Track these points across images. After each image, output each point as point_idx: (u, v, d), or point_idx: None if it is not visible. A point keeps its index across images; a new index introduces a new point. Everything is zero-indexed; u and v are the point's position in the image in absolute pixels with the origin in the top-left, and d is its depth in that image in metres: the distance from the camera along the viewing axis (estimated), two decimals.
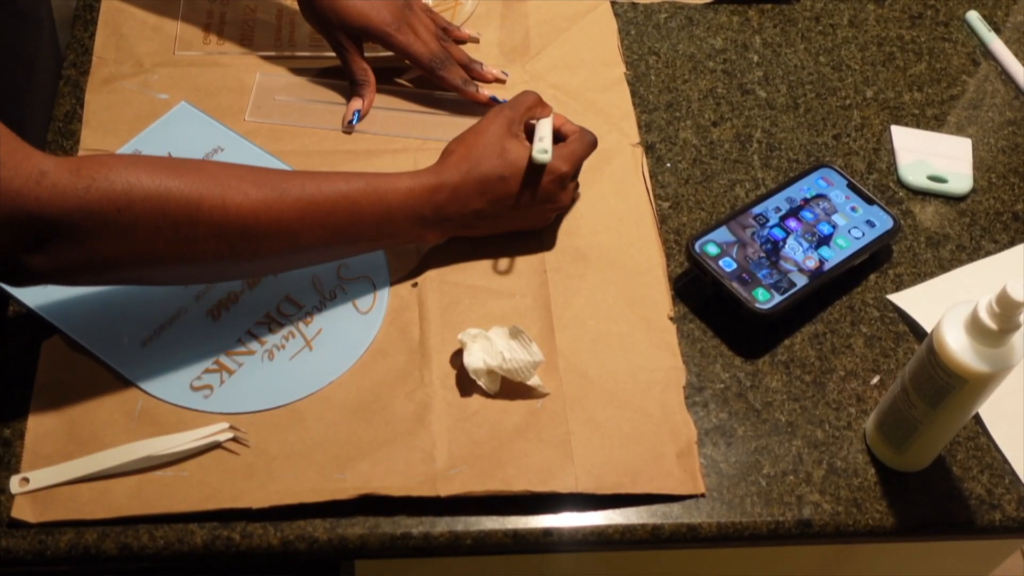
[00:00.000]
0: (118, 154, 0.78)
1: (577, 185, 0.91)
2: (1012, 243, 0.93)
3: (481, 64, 0.97)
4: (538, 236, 0.88)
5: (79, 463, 0.73)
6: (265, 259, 0.77)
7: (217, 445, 0.75)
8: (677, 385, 0.81)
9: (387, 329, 0.82)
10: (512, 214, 0.84)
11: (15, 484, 0.72)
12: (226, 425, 0.76)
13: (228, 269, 0.78)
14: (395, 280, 0.85)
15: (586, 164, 0.91)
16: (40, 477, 0.73)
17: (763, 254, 0.86)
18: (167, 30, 1.00)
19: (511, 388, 0.79)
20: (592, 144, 0.87)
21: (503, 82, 0.98)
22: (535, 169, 0.83)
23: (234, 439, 0.76)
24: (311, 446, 0.76)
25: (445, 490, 0.74)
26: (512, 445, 0.77)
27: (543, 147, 0.82)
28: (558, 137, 0.88)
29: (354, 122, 0.93)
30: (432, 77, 0.94)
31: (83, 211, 0.67)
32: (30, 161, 0.65)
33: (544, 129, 0.85)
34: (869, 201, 0.91)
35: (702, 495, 0.76)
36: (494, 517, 0.75)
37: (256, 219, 0.73)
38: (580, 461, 0.77)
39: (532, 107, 0.87)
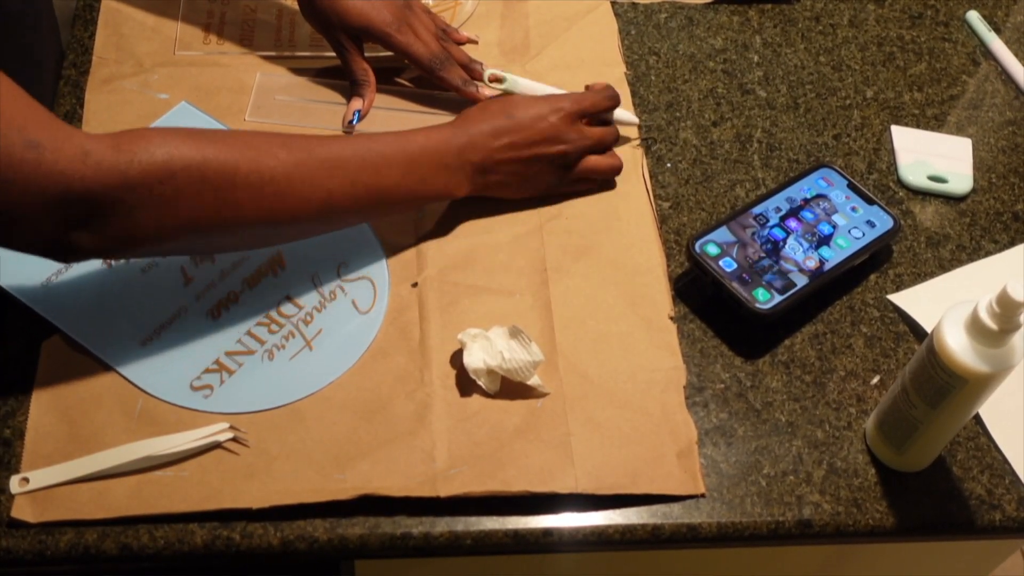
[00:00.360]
0: (154, 128, 0.82)
1: (614, 155, 0.93)
2: (1012, 243, 0.93)
3: (481, 64, 0.97)
4: (538, 236, 0.88)
5: (79, 463, 0.73)
6: (303, 222, 0.79)
7: (217, 445, 0.75)
8: (677, 385, 0.81)
9: (387, 329, 0.82)
10: (532, 162, 0.87)
11: (15, 484, 0.72)
12: (226, 425, 0.76)
13: (268, 234, 0.79)
14: (395, 280, 0.85)
15: None
16: (40, 477, 0.73)
17: (763, 254, 0.86)
18: (167, 30, 1.00)
19: (511, 388, 0.79)
20: (610, 97, 0.91)
21: (502, 81, 0.97)
22: (543, 109, 0.87)
23: (234, 439, 0.75)
24: (311, 446, 0.76)
25: (445, 490, 0.74)
26: (512, 445, 0.77)
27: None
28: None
29: (354, 122, 0.93)
30: (432, 77, 0.94)
31: (127, 186, 0.68)
32: (72, 141, 0.66)
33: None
34: (869, 201, 0.91)
35: (702, 495, 0.76)
36: (494, 517, 0.75)
37: (289, 180, 0.75)
38: (580, 461, 0.77)
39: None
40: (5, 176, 0.63)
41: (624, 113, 0.94)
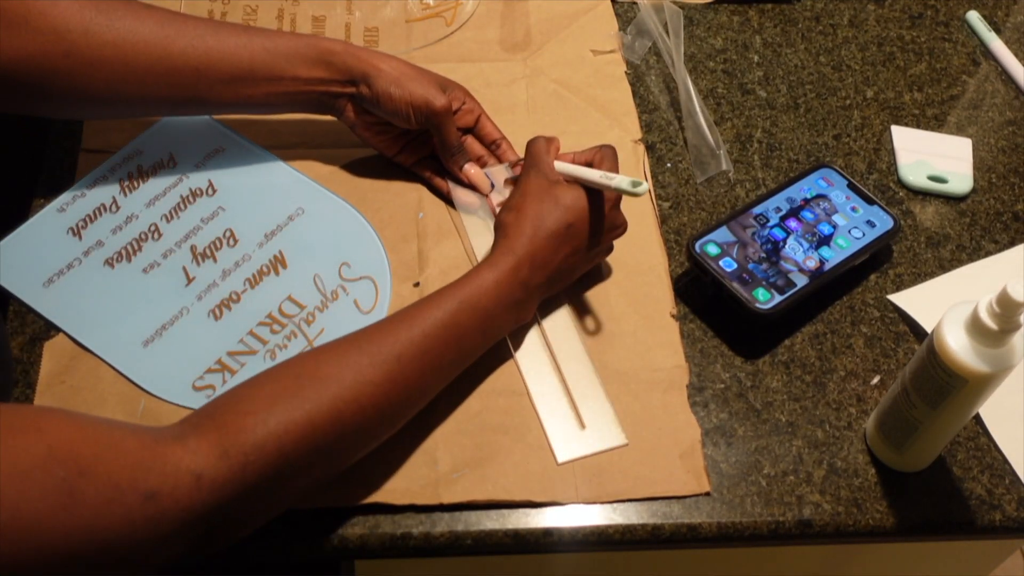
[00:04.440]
0: (242, 394, 0.67)
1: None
2: (1012, 243, 0.94)
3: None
4: None
5: None
6: (404, 419, 0.74)
7: None
8: (680, 384, 0.81)
9: None
10: (588, 255, 0.82)
11: None
12: None
13: (370, 447, 0.73)
14: (397, 280, 0.85)
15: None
16: None
17: (763, 254, 0.86)
18: None
19: (513, 388, 0.80)
20: (615, 155, 0.83)
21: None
22: (600, 202, 0.80)
23: None
24: None
25: (448, 497, 0.74)
26: (513, 448, 0.77)
27: (629, 180, 0.77)
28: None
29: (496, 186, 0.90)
30: (445, 163, 0.90)
31: (246, 491, 0.63)
32: (181, 468, 0.60)
33: (596, 169, 0.81)
34: (869, 201, 0.91)
35: (706, 493, 0.76)
36: (494, 517, 0.75)
37: (388, 400, 0.70)
38: (580, 469, 0.76)
39: (549, 149, 0.83)
40: (132, 537, 0.58)
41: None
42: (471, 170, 0.89)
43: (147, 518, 0.58)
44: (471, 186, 0.90)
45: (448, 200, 0.90)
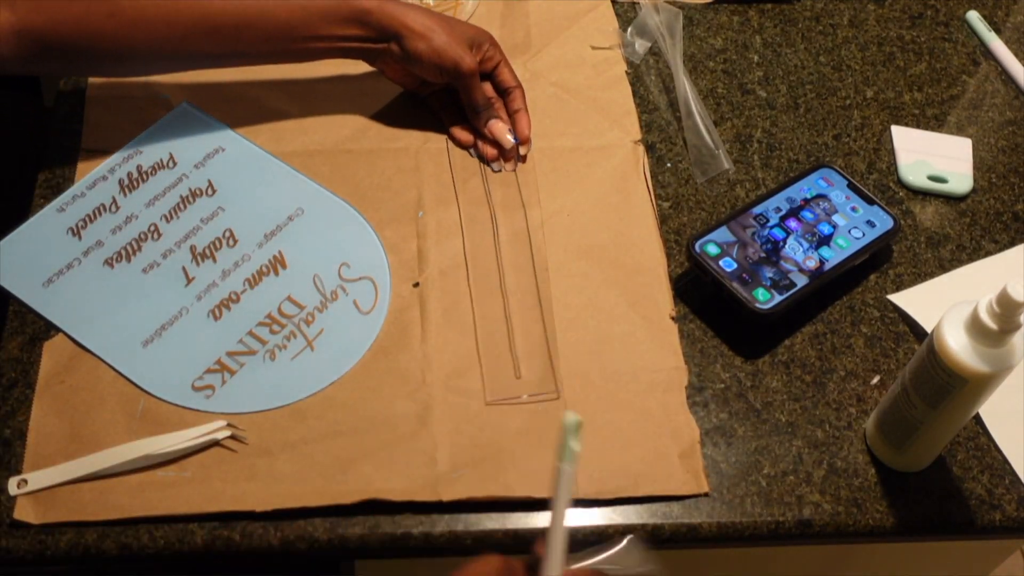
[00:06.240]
0: None
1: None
2: (1012, 243, 0.94)
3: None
4: (539, 235, 0.89)
5: (77, 464, 0.73)
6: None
7: (215, 443, 0.75)
8: (679, 385, 0.81)
9: (388, 329, 0.82)
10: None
11: (13, 486, 0.72)
12: (224, 423, 0.76)
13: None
14: (396, 280, 0.85)
15: (587, 159, 0.93)
16: (38, 478, 0.73)
17: (763, 254, 0.86)
18: None
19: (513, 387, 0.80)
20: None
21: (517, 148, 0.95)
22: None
23: (232, 436, 0.75)
24: (313, 446, 0.76)
25: (448, 494, 0.74)
26: (513, 448, 0.77)
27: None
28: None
29: (516, 141, 0.93)
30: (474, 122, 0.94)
31: None
32: None
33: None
34: (869, 201, 0.91)
35: (706, 494, 0.76)
36: (494, 517, 0.75)
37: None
38: (581, 465, 0.76)
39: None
40: None
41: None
42: (495, 126, 0.93)
43: None
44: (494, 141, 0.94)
45: (461, 144, 0.95)
